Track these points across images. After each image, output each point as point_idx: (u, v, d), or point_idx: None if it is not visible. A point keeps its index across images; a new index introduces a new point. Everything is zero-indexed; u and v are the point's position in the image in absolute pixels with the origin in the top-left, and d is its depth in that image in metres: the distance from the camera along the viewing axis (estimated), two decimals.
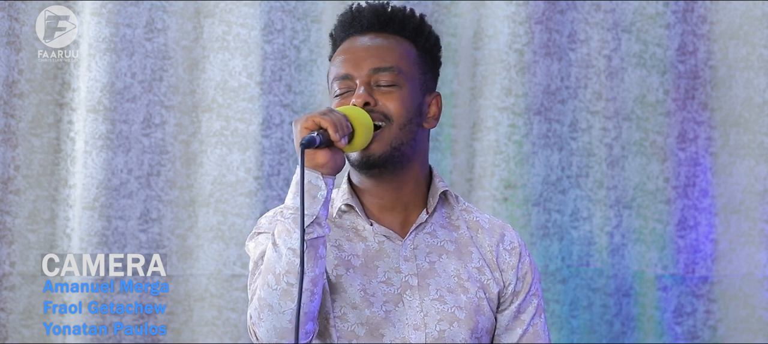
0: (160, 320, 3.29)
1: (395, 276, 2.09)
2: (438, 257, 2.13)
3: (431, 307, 2.08)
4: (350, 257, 2.10)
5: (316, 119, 1.94)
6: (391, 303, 2.07)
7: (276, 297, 1.94)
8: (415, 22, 2.15)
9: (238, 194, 3.32)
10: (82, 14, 3.28)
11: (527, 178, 3.46)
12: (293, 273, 1.93)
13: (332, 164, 1.96)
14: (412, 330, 2.07)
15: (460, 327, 2.08)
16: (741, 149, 3.59)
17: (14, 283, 3.22)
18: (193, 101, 3.35)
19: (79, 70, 3.27)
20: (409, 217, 2.14)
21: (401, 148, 2.08)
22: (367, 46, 2.11)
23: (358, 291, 2.07)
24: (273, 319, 1.94)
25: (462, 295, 2.10)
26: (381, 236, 2.12)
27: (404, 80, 2.10)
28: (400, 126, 2.07)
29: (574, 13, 3.54)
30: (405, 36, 2.14)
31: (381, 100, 2.07)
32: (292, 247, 1.93)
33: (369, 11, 2.14)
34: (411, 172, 2.13)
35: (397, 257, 2.11)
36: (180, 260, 3.31)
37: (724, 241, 3.59)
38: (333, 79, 2.12)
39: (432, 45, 2.18)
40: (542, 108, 3.49)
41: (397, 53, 2.11)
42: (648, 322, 3.56)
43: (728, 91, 3.60)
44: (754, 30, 3.58)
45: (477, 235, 2.18)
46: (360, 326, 2.06)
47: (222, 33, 3.35)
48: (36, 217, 3.24)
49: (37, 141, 3.25)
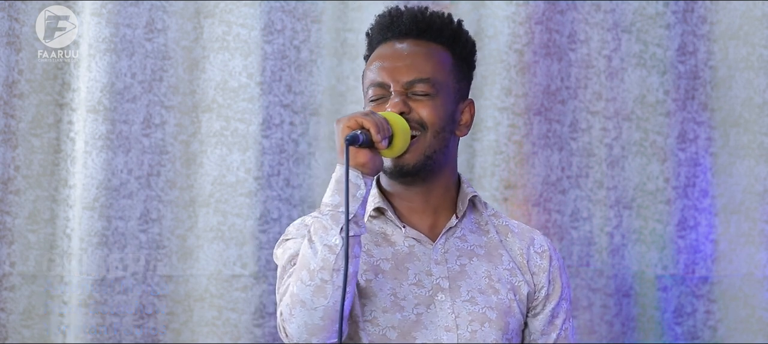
0: (160, 320, 3.29)
1: (426, 279, 2.09)
2: (468, 260, 2.13)
3: (463, 308, 2.08)
4: (379, 261, 2.10)
5: (359, 119, 1.95)
6: (423, 305, 2.08)
7: (309, 293, 1.94)
8: (452, 28, 2.16)
9: (238, 195, 3.32)
10: (82, 14, 3.28)
11: (527, 178, 3.46)
12: (328, 269, 1.93)
13: (372, 164, 1.97)
14: (444, 331, 2.07)
15: (491, 327, 2.09)
16: (741, 150, 3.59)
17: (14, 283, 3.22)
18: (193, 101, 3.35)
19: (79, 71, 3.27)
20: (438, 221, 2.15)
21: (434, 156, 2.09)
22: (404, 54, 2.11)
23: (388, 295, 2.07)
24: (305, 315, 1.94)
25: (493, 296, 2.10)
26: (411, 239, 2.12)
27: (439, 89, 2.10)
28: (434, 135, 2.08)
29: (574, 14, 3.54)
30: (441, 43, 2.14)
31: (416, 108, 2.08)
32: (328, 244, 1.94)
33: (408, 17, 2.14)
34: (441, 178, 2.14)
35: (427, 260, 2.11)
36: (180, 260, 3.31)
37: (724, 241, 3.59)
38: (369, 84, 2.13)
39: (468, 52, 2.19)
40: (542, 108, 3.49)
41: (433, 63, 2.12)
42: (648, 322, 3.56)
43: (728, 91, 3.60)
44: (754, 30, 3.58)
45: (507, 239, 2.18)
46: (391, 329, 2.06)
47: (222, 33, 3.35)
48: (36, 217, 3.24)
49: (37, 141, 3.25)
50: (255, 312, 3.30)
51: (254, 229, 3.32)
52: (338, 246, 1.94)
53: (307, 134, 3.40)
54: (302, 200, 3.38)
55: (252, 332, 3.29)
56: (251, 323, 3.29)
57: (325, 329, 1.95)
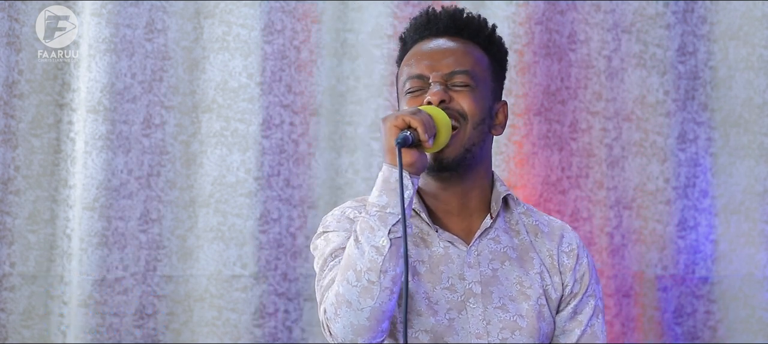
0: (160, 320, 3.29)
1: (459, 283, 2.09)
2: (501, 264, 2.13)
3: (494, 315, 2.08)
4: (416, 263, 2.10)
5: (406, 118, 1.95)
6: (455, 310, 2.08)
7: (356, 294, 1.94)
8: (488, 31, 2.18)
9: (238, 195, 3.32)
10: (82, 14, 3.28)
11: (527, 178, 3.46)
12: (375, 270, 1.93)
13: (419, 163, 1.98)
14: (475, 338, 2.07)
15: (521, 334, 2.09)
16: (741, 150, 3.59)
17: (14, 283, 3.22)
18: (193, 101, 3.35)
19: (79, 71, 3.27)
20: (473, 223, 2.15)
21: (473, 149, 2.10)
22: (442, 48, 2.13)
23: (422, 298, 2.07)
24: (351, 316, 1.94)
25: (523, 303, 2.11)
26: (446, 241, 2.12)
27: (477, 82, 2.11)
28: (474, 125, 2.09)
29: (574, 14, 3.54)
30: (478, 43, 2.16)
31: (456, 98, 2.09)
32: (376, 245, 1.94)
33: (445, 15, 2.16)
34: (477, 177, 2.15)
35: (461, 263, 2.11)
36: (180, 260, 3.31)
37: (724, 242, 3.59)
38: (406, 78, 2.13)
39: (502, 56, 2.21)
40: (542, 108, 3.49)
41: (472, 58, 2.13)
42: (648, 322, 3.56)
43: (728, 91, 3.60)
44: (754, 30, 3.59)
45: (537, 240, 2.18)
46: (424, 333, 2.06)
47: (222, 33, 3.35)
48: (36, 217, 3.24)
49: (37, 142, 3.25)
50: (255, 313, 3.30)
51: (254, 229, 3.32)
52: (386, 247, 1.94)
53: (307, 134, 3.40)
54: (302, 200, 3.38)
55: (252, 332, 3.29)
56: (251, 323, 3.29)
57: (371, 329, 1.95)
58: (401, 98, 2.15)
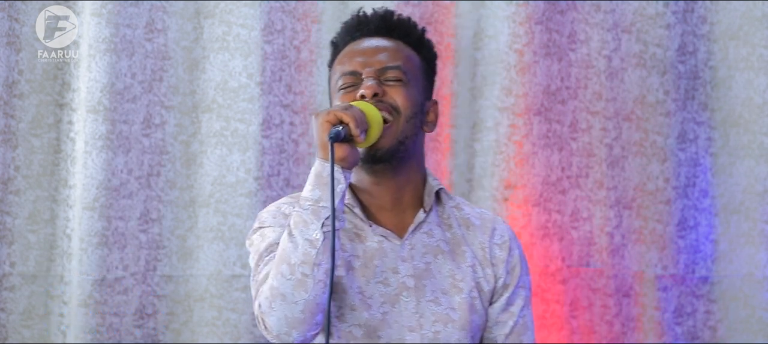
0: (160, 320, 3.29)
1: (392, 277, 2.13)
2: (433, 257, 2.17)
3: (427, 309, 2.12)
4: (350, 257, 2.13)
5: (338, 113, 1.99)
6: (388, 304, 2.11)
7: (290, 287, 1.96)
8: (418, 32, 2.23)
9: (238, 195, 3.32)
10: (82, 14, 3.28)
11: (527, 178, 3.46)
12: (309, 263, 1.96)
13: (351, 158, 2.01)
14: (408, 331, 2.11)
15: (454, 327, 2.13)
16: (741, 150, 3.59)
17: (14, 283, 3.22)
18: (193, 101, 3.35)
19: (79, 71, 3.27)
20: (406, 218, 2.18)
21: (406, 142, 2.13)
22: (374, 46, 2.18)
23: (356, 293, 2.10)
24: (285, 309, 1.97)
25: (456, 296, 2.15)
26: (380, 236, 2.16)
27: (409, 78, 2.16)
28: (406, 119, 2.13)
29: (574, 14, 3.54)
30: (408, 43, 2.21)
31: (389, 92, 2.13)
32: (309, 238, 1.97)
33: (376, 16, 2.22)
34: (410, 171, 2.18)
35: (395, 257, 2.14)
36: (180, 260, 3.31)
37: (724, 241, 3.59)
38: (339, 76, 2.18)
39: (432, 57, 2.26)
40: (542, 108, 3.49)
41: (404, 55, 2.18)
42: (648, 322, 3.56)
43: (728, 91, 3.60)
44: (754, 30, 3.58)
45: (468, 233, 2.22)
46: (357, 327, 2.10)
47: (222, 33, 3.35)
48: (36, 217, 3.24)
49: (37, 141, 3.25)
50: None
51: None
52: (319, 241, 1.97)
53: (307, 134, 3.40)
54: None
55: (252, 332, 3.29)
56: (251, 323, 3.29)
57: (305, 321, 1.97)
58: (334, 95, 2.19)
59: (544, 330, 3.44)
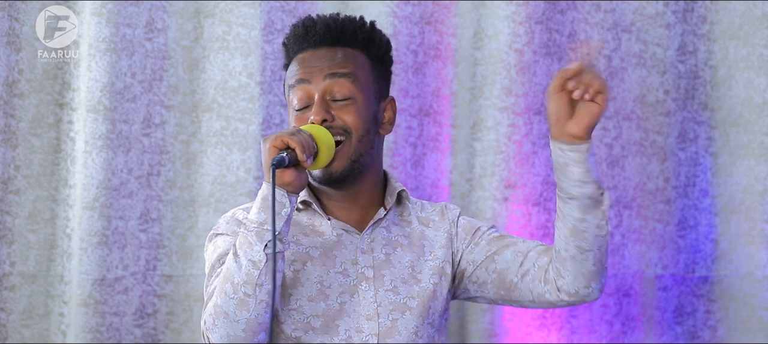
0: (160, 320, 3.29)
1: (352, 268, 2.17)
2: (393, 249, 2.21)
3: (384, 298, 2.17)
4: (308, 249, 2.17)
5: (285, 138, 2.01)
6: (347, 294, 2.15)
7: (232, 306, 2.00)
8: (365, 32, 2.23)
9: (238, 194, 3.32)
10: (82, 14, 3.28)
11: (527, 178, 3.47)
12: (251, 284, 2.00)
13: (297, 182, 2.03)
14: (365, 320, 2.15)
15: (411, 315, 2.17)
16: (741, 149, 3.59)
17: (14, 283, 3.22)
18: (193, 101, 3.35)
19: (79, 71, 3.27)
20: (365, 215, 2.23)
21: (360, 160, 2.17)
22: (320, 57, 2.19)
23: (314, 284, 2.15)
24: (228, 326, 2.01)
25: (415, 285, 2.19)
26: (339, 229, 2.20)
27: (359, 90, 2.17)
28: (359, 138, 2.16)
29: (574, 13, 3.54)
30: (356, 47, 2.22)
31: (338, 114, 2.15)
32: (253, 259, 2.00)
33: (321, 26, 2.21)
34: (368, 178, 2.22)
35: (354, 249, 2.19)
36: (180, 260, 3.32)
37: (724, 241, 3.59)
38: (289, 87, 2.20)
39: (383, 52, 2.26)
40: (542, 108, 3.49)
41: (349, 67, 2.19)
42: (648, 322, 3.56)
43: (728, 91, 3.60)
44: (754, 30, 3.58)
45: (428, 229, 2.27)
46: (315, 318, 2.13)
47: (222, 33, 3.35)
48: (36, 217, 3.24)
49: (37, 141, 3.25)
50: None
51: None
52: (262, 262, 2.00)
53: None
54: None
55: None
56: None
57: (247, 339, 2.02)
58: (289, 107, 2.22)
59: (544, 330, 3.45)
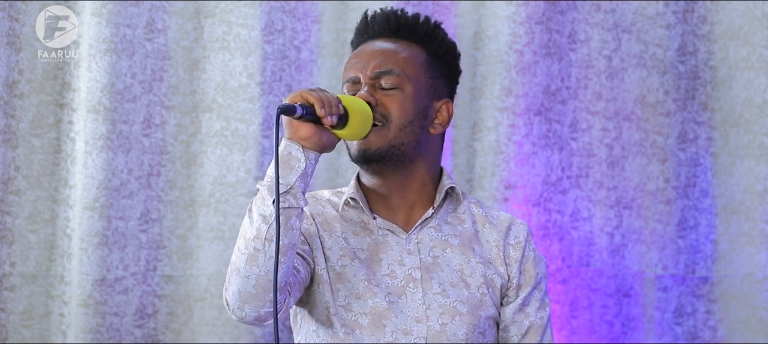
0: (160, 320, 3.29)
1: (399, 269, 2.13)
2: (442, 251, 2.16)
3: (433, 301, 2.12)
4: (356, 249, 2.14)
5: (303, 93, 1.98)
6: (395, 294, 2.11)
7: (243, 261, 1.97)
8: (426, 28, 2.20)
9: (239, 195, 3.32)
10: (82, 14, 3.28)
11: (527, 178, 3.46)
12: (260, 238, 1.95)
13: (316, 139, 1.99)
14: (414, 322, 2.10)
15: (461, 321, 2.12)
16: (741, 150, 3.59)
17: (14, 283, 3.22)
18: (194, 101, 3.35)
19: (79, 71, 3.27)
20: (413, 214, 2.18)
21: (401, 148, 2.13)
22: (373, 49, 2.17)
23: (362, 281, 2.11)
24: (239, 283, 1.97)
25: (464, 290, 2.14)
26: (385, 230, 2.16)
27: (408, 83, 2.14)
28: (399, 127, 2.12)
29: (575, 14, 3.54)
30: (415, 41, 2.19)
31: (383, 101, 2.12)
32: (263, 213, 1.96)
33: (380, 17, 2.20)
34: (416, 173, 2.17)
35: (400, 250, 2.15)
36: (180, 260, 3.31)
37: (725, 241, 3.59)
38: (344, 81, 2.18)
39: (445, 51, 2.22)
40: (542, 108, 3.49)
41: (402, 57, 2.16)
42: (648, 322, 3.55)
43: (728, 91, 3.60)
44: (754, 30, 3.58)
45: (484, 230, 2.21)
46: (363, 316, 2.10)
47: (222, 33, 3.35)
48: (36, 217, 3.24)
49: (37, 141, 3.25)
50: None
51: None
52: (272, 217, 1.95)
53: None
54: None
55: (252, 332, 3.29)
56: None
57: (258, 297, 1.97)
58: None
59: None
